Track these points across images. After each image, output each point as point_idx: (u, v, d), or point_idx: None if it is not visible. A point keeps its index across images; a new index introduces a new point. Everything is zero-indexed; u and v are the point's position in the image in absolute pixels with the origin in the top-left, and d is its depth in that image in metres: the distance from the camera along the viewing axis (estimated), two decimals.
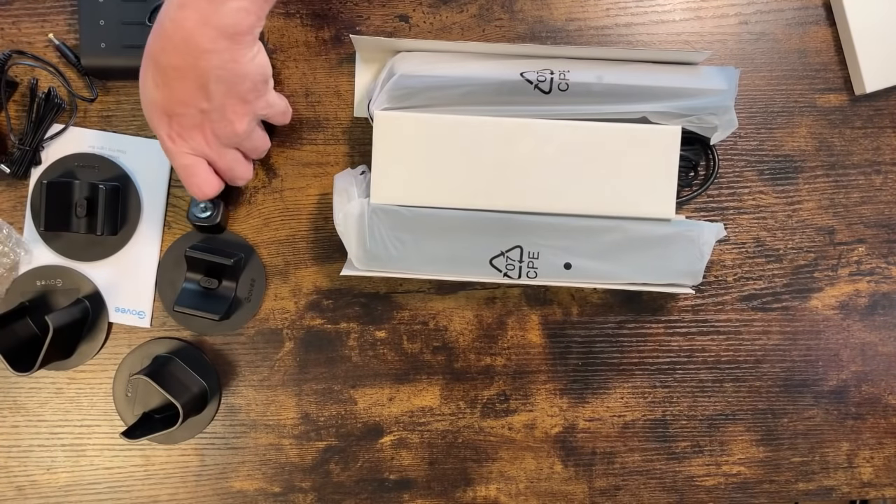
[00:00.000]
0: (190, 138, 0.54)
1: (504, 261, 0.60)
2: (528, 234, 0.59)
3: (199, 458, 0.65)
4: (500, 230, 0.59)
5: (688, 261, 0.60)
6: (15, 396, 0.65)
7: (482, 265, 0.60)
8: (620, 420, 0.66)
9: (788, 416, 0.66)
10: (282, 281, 0.65)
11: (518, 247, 0.60)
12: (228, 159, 0.57)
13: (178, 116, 0.53)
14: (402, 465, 0.66)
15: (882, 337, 0.66)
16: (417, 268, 0.60)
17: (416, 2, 0.64)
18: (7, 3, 0.63)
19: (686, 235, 0.60)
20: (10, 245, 0.62)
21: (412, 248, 0.59)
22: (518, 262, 0.60)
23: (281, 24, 0.64)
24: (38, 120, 0.62)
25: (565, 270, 0.60)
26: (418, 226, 0.59)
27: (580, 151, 0.59)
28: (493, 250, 0.60)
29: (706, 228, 0.61)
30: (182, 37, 0.49)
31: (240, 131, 0.55)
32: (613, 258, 0.60)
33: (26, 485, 0.65)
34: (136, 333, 0.65)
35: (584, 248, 0.60)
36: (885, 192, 0.66)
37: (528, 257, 0.60)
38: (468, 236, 0.60)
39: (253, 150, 0.60)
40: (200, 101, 0.52)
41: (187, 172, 0.56)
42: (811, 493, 0.67)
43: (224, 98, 0.53)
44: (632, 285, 0.61)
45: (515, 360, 0.66)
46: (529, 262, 0.60)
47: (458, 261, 0.60)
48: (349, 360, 0.65)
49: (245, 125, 0.55)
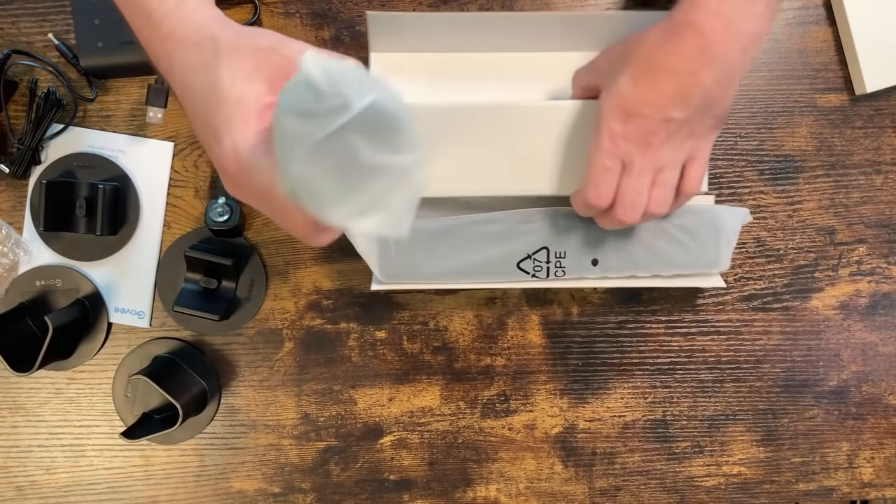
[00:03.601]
0: (632, 144, 0.49)
1: (531, 263, 0.59)
2: (554, 234, 0.59)
3: (199, 459, 0.65)
4: (525, 233, 0.59)
5: (715, 247, 0.60)
6: (14, 396, 0.65)
7: (509, 270, 0.59)
8: (621, 420, 0.66)
9: (789, 417, 0.66)
10: (281, 281, 0.65)
11: (544, 248, 0.59)
12: (643, 183, 0.51)
13: (639, 118, 0.48)
14: (402, 466, 0.66)
15: (882, 337, 0.66)
16: (444, 279, 0.60)
17: (416, 2, 0.64)
18: (7, 2, 0.63)
19: (712, 222, 0.59)
20: (10, 245, 0.62)
21: (437, 261, 0.59)
22: (545, 263, 0.59)
23: (281, 24, 0.64)
24: (37, 120, 0.62)
25: (593, 267, 0.59)
26: (441, 238, 0.59)
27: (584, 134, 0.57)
28: (519, 254, 0.59)
29: (731, 213, 0.60)
30: (697, 43, 0.46)
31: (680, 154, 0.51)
32: (640, 250, 0.59)
33: (26, 485, 0.65)
34: (136, 333, 0.65)
35: (611, 243, 0.59)
36: (885, 192, 0.66)
37: (554, 257, 0.59)
38: (493, 243, 0.59)
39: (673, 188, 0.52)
40: (673, 108, 0.48)
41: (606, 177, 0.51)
42: (811, 494, 0.67)
43: (697, 114, 0.49)
44: (660, 279, 0.61)
45: (515, 360, 0.66)
46: (557, 261, 0.59)
47: (484, 268, 0.59)
48: (349, 361, 0.65)
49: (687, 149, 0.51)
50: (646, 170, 0.50)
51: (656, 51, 0.47)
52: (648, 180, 0.51)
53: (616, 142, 0.49)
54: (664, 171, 0.51)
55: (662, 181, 0.51)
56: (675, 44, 0.47)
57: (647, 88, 0.48)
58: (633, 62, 0.48)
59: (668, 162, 0.51)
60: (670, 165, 0.51)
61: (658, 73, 0.47)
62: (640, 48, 0.48)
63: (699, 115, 0.49)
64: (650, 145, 0.49)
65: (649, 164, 0.50)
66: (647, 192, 0.51)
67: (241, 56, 0.40)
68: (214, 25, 0.42)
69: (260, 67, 0.40)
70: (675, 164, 0.51)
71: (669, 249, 0.59)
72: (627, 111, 0.48)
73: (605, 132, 0.49)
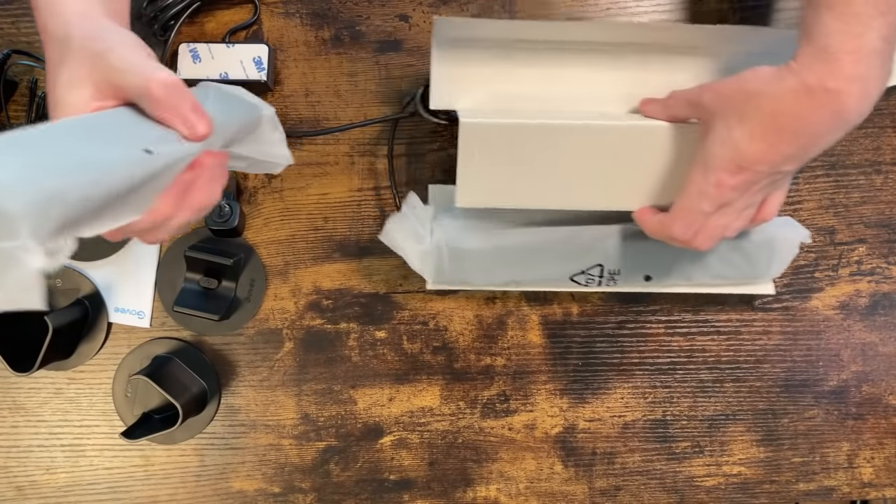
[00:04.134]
0: (736, 192, 0.49)
1: (584, 277, 0.60)
2: (611, 254, 0.59)
3: (199, 459, 0.65)
4: (582, 252, 0.59)
5: (767, 265, 0.61)
6: (15, 396, 0.65)
7: (562, 282, 0.61)
8: (620, 420, 0.66)
9: (789, 417, 0.66)
10: (281, 281, 0.65)
11: (599, 265, 0.60)
12: (730, 219, 0.51)
13: (751, 173, 0.47)
14: (402, 466, 0.66)
15: (882, 337, 0.66)
16: (495, 286, 0.62)
17: (416, 1, 0.64)
18: (7, 2, 0.63)
19: (769, 244, 0.60)
20: None
21: (491, 276, 0.60)
22: (598, 277, 0.60)
23: (281, 24, 0.64)
24: (37, 119, 0.62)
25: (644, 281, 0.61)
26: (497, 257, 0.59)
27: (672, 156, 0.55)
28: (573, 269, 0.60)
29: (789, 234, 0.61)
30: (832, 109, 0.44)
31: (770, 191, 0.51)
32: (695, 268, 0.60)
33: (26, 485, 0.65)
34: (136, 333, 0.65)
35: (664, 259, 0.60)
36: (885, 191, 0.66)
37: (608, 273, 0.60)
38: (548, 262, 0.60)
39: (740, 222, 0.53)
40: (786, 164, 0.47)
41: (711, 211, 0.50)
42: (811, 494, 0.67)
43: (794, 167, 0.49)
44: (710, 287, 0.62)
45: (515, 360, 0.66)
46: (610, 276, 0.60)
47: (536, 281, 0.61)
48: (349, 360, 0.65)
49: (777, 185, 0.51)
50: (738, 209, 0.50)
51: (784, 112, 0.45)
52: (736, 216, 0.51)
53: (722, 191, 0.48)
54: (751, 207, 0.51)
55: (746, 215, 0.52)
56: (810, 110, 0.44)
57: (767, 147, 0.46)
58: (754, 117, 0.46)
59: (758, 200, 0.51)
60: (758, 201, 0.51)
61: (782, 134, 0.45)
62: (764, 103, 0.45)
63: (802, 162, 0.48)
64: (750, 191, 0.49)
65: (742, 205, 0.50)
66: (731, 225, 0.51)
67: (79, 59, 0.41)
68: (74, 23, 0.43)
69: (91, 72, 0.41)
70: (762, 200, 0.52)
71: (723, 266, 0.60)
72: (740, 165, 0.47)
73: (713, 180, 0.48)
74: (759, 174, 0.47)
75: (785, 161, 0.47)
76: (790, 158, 0.47)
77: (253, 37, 0.64)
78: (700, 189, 0.49)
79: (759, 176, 0.48)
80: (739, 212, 0.51)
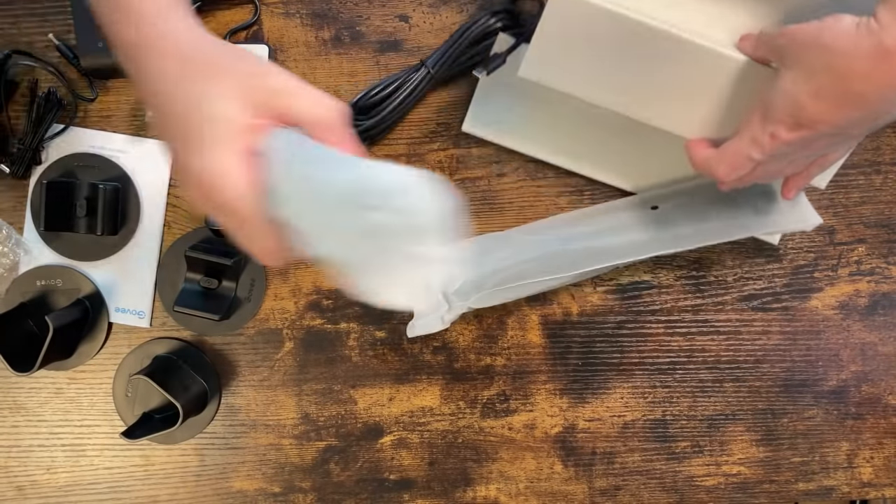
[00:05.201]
0: (792, 147, 0.47)
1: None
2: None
3: (199, 458, 0.65)
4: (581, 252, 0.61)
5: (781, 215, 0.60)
6: (15, 396, 0.65)
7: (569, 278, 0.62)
8: (620, 420, 0.66)
9: (788, 416, 0.66)
10: (282, 281, 0.65)
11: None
12: (780, 167, 0.50)
13: (810, 131, 0.45)
14: (402, 465, 0.66)
15: (882, 337, 0.66)
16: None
17: (416, 2, 0.64)
18: (7, 3, 0.63)
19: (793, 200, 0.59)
20: (10, 245, 0.62)
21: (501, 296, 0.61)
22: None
23: (281, 24, 0.64)
24: (37, 120, 0.62)
25: (652, 211, 0.62)
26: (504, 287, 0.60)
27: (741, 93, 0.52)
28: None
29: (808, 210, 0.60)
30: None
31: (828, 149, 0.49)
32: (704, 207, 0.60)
33: (26, 485, 0.65)
34: (136, 333, 0.65)
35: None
36: (885, 192, 0.66)
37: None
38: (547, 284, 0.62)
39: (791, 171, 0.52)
40: (851, 128, 0.45)
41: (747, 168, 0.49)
42: (811, 493, 0.67)
43: (860, 132, 0.47)
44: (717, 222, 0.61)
45: (515, 360, 0.66)
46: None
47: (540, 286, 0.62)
48: (349, 360, 0.65)
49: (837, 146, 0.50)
50: (789, 160, 0.49)
51: (855, 72, 0.41)
52: (785, 166, 0.49)
53: (776, 143, 0.46)
54: (803, 160, 0.50)
55: (797, 165, 0.50)
56: (883, 73, 0.41)
57: (831, 107, 0.43)
58: (822, 74, 0.43)
59: (813, 157, 0.49)
60: (812, 158, 0.50)
61: (849, 96, 0.42)
62: (836, 61, 0.42)
63: (871, 128, 0.46)
64: (807, 147, 0.47)
65: (794, 158, 0.48)
66: (778, 173, 0.50)
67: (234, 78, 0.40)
68: (192, 40, 0.42)
69: (249, 93, 0.40)
70: (817, 155, 0.50)
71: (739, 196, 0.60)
72: (799, 122, 0.45)
73: (768, 130, 0.46)
74: (818, 133, 0.45)
75: (850, 125, 0.44)
76: (855, 123, 0.44)
77: (253, 37, 0.65)
78: (754, 136, 0.47)
79: (819, 136, 0.45)
80: (789, 163, 0.49)
